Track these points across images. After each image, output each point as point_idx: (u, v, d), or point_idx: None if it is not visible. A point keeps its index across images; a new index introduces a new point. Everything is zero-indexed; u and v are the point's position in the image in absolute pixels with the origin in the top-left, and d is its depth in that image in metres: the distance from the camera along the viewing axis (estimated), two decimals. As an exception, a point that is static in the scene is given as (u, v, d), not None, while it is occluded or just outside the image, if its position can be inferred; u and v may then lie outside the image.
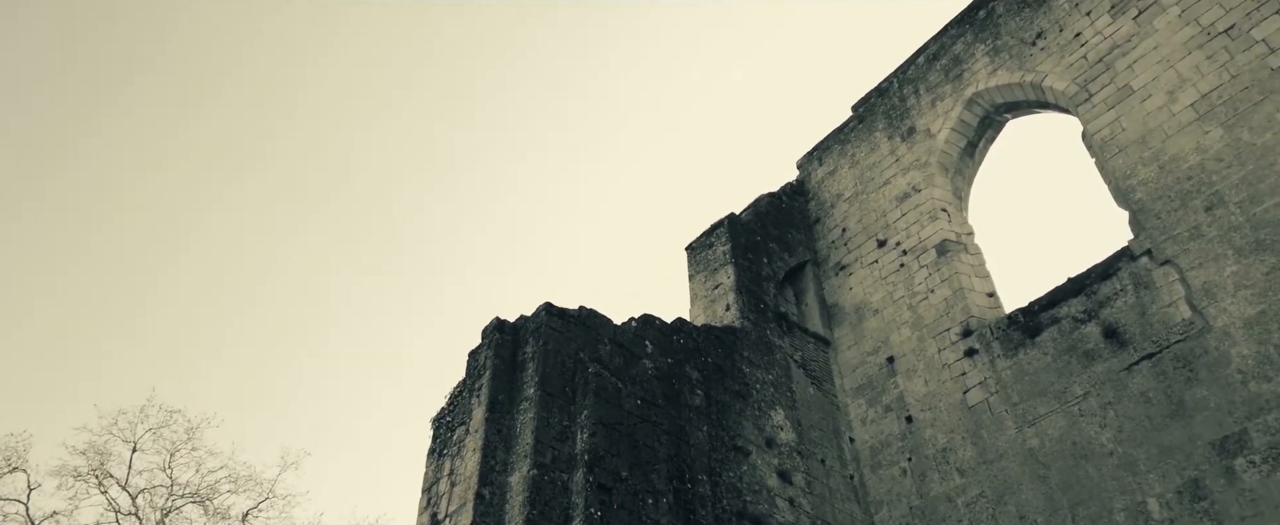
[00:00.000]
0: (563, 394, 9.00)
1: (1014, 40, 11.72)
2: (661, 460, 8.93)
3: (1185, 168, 8.71)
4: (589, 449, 8.35)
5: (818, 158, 14.69)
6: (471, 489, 8.41)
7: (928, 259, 11.43)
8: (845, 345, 12.13)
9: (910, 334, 11.13)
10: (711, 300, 12.16)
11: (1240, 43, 8.80)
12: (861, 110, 14.21)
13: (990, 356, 9.83)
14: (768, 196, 13.90)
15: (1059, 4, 11.25)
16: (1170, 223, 8.59)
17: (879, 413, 10.99)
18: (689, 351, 10.35)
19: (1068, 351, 8.97)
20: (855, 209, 13.23)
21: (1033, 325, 9.50)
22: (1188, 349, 7.88)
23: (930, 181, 12.10)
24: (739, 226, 12.81)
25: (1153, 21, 9.86)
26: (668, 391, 9.65)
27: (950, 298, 10.81)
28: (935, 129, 12.44)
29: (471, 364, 9.86)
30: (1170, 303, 8.23)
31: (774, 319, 11.97)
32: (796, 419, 10.90)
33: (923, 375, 10.63)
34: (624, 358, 9.58)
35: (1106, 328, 8.65)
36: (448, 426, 9.73)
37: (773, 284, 12.58)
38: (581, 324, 9.78)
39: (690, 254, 13.22)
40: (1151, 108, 9.38)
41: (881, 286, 11.98)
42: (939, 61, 12.90)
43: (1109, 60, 10.17)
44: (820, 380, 11.76)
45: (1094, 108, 10.07)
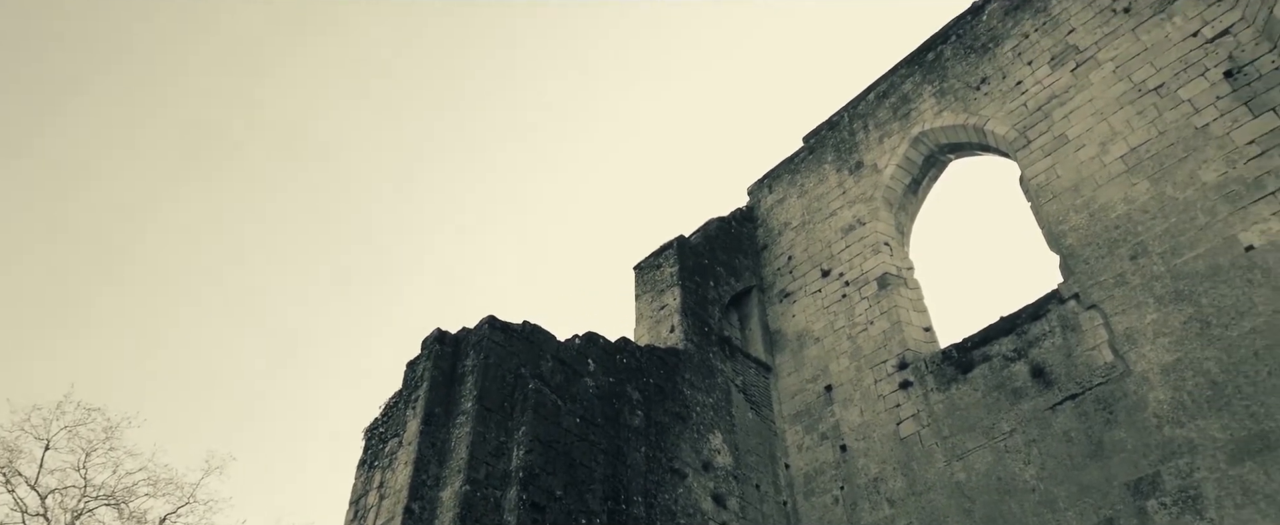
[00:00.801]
0: (501, 409, 8.91)
1: (960, 84, 12.13)
2: (597, 480, 8.89)
3: (1113, 217, 9.10)
4: (524, 466, 8.27)
5: (768, 185, 14.92)
6: (401, 503, 8.25)
7: (869, 291, 11.68)
8: (785, 372, 12.29)
9: (849, 364, 11.33)
10: (657, 321, 12.20)
11: (1168, 101, 9.26)
12: (812, 141, 14.50)
13: (924, 390, 10.06)
14: (718, 221, 14.05)
15: (1003, 52, 11.69)
16: (1097, 269, 8.96)
17: (815, 440, 11.14)
18: (631, 371, 10.35)
19: (997, 388, 9.24)
20: (802, 238, 13.46)
21: (965, 361, 9.76)
22: (1108, 392, 8.19)
23: (875, 215, 12.39)
24: (688, 249, 12.91)
25: (1089, 75, 10.31)
26: (608, 411, 9.63)
27: (888, 330, 11.05)
28: (882, 165, 12.76)
29: (409, 375, 9.70)
30: (1094, 346, 8.56)
31: (718, 343, 12.07)
32: (734, 443, 10.98)
33: (858, 405, 10.82)
34: (566, 375, 9.54)
35: (1034, 367, 8.94)
36: (380, 438, 9.53)
37: (718, 308, 12.69)
38: (525, 339, 9.72)
39: (638, 274, 13.27)
40: (1085, 157, 9.79)
41: (824, 315, 12.19)
42: (888, 99, 13.27)
43: (1047, 109, 10.60)
44: (759, 405, 11.88)
45: (1032, 154, 10.46)
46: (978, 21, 12.38)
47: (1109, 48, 10.25)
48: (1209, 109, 8.80)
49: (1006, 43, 11.72)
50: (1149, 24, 9.95)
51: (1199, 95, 8.98)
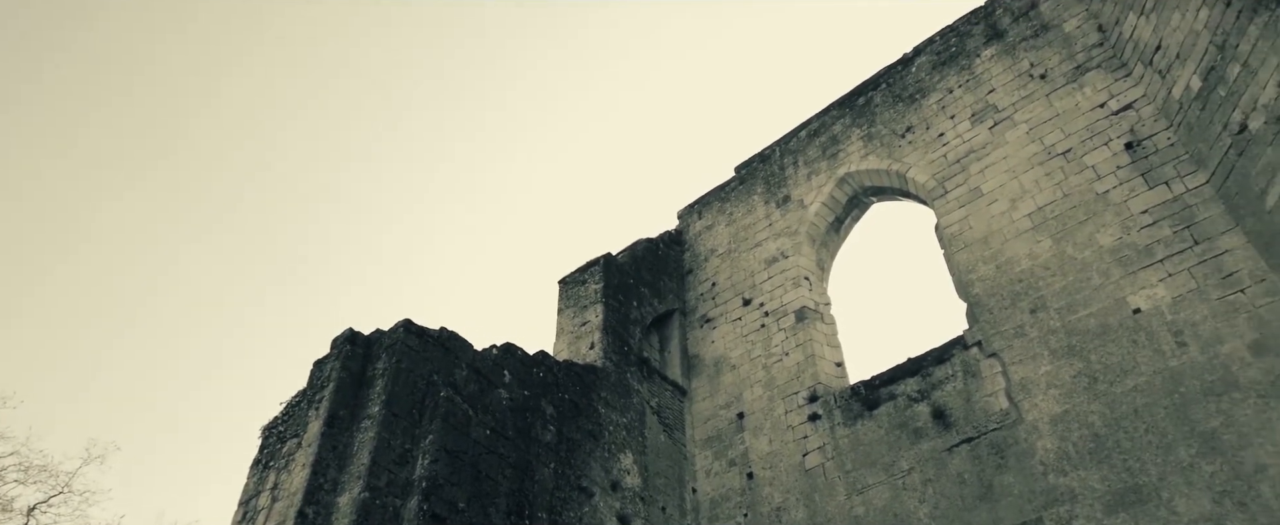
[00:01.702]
0: (409, 416, 8.73)
1: (886, 130, 12.61)
2: (503, 494, 8.78)
3: (1018, 271, 9.60)
4: (428, 476, 8.11)
5: (698, 211, 15.14)
6: (294, 506, 7.96)
7: (787, 323, 11.95)
8: (700, 396, 12.43)
9: (762, 393, 11.54)
10: (577, 336, 12.18)
11: (1074, 166, 9.85)
12: (744, 172, 14.80)
13: (831, 423, 10.34)
14: (646, 242, 14.16)
15: (928, 104, 12.23)
16: (1000, 319, 9.42)
17: (723, 466, 11.28)
18: (547, 385, 10.29)
19: (900, 427, 9.58)
20: (727, 266, 13.69)
21: (872, 398, 10.09)
22: (1001, 438, 8.60)
23: (798, 250, 12.71)
24: (614, 267, 12.95)
25: (1005, 134, 10.89)
26: (520, 424, 9.54)
27: (803, 363, 11.32)
28: (808, 201, 13.13)
29: (315, 374, 9.40)
30: (992, 393, 8.97)
31: (636, 363, 12.12)
32: (644, 464, 11.02)
33: (768, 434, 11.03)
34: (480, 385, 9.41)
35: (936, 409, 9.31)
36: (278, 437, 9.20)
37: (640, 328, 12.76)
38: (440, 345, 9.56)
39: (562, 288, 13.23)
40: (996, 212, 10.30)
41: (742, 343, 12.40)
42: (819, 138, 13.68)
43: (965, 162, 11.12)
44: (672, 428, 11.97)
45: (948, 204, 10.95)
46: (907, 72, 12.92)
47: (1025, 110, 10.85)
48: (1110, 177, 9.40)
49: (932, 95, 12.26)
50: (1062, 91, 10.58)
51: (1102, 163, 9.59)
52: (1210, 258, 8.06)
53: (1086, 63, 10.53)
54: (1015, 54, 11.50)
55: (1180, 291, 8.08)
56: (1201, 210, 8.38)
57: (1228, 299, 7.73)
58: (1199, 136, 8.63)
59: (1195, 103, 8.66)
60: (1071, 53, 10.79)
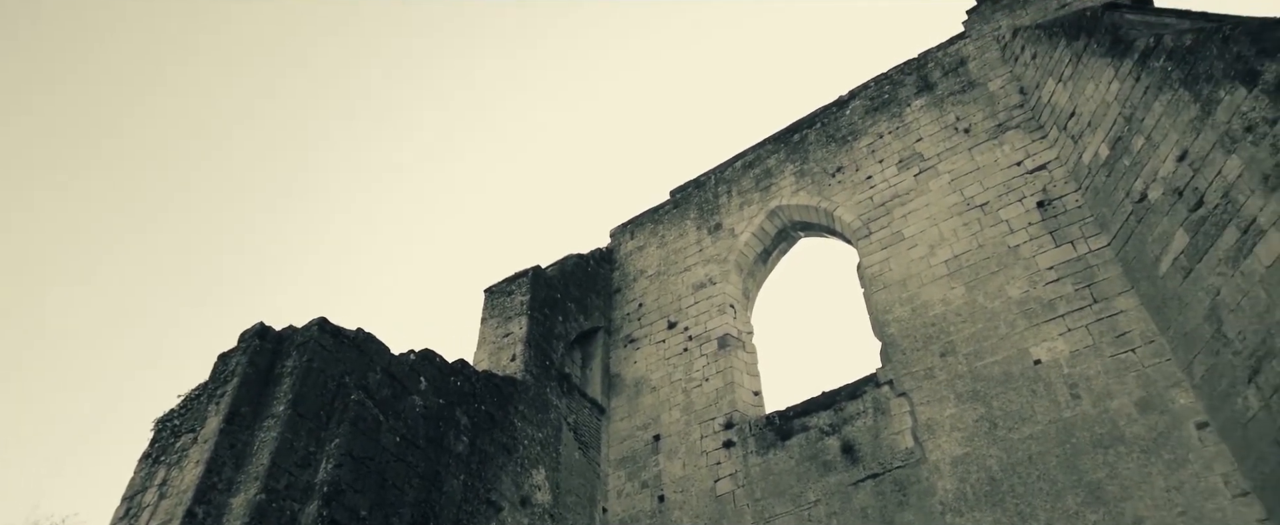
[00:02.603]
0: (316, 418, 8.46)
1: (818, 168, 12.99)
2: (408, 504, 8.58)
3: (931, 315, 10.00)
4: (331, 481, 7.86)
5: (631, 231, 15.22)
6: (183, 505, 7.61)
7: (709, 349, 12.11)
8: (619, 416, 12.44)
9: (680, 417, 11.64)
10: (499, 347, 12.04)
11: (990, 218, 10.35)
12: (678, 196, 14.98)
13: (744, 451, 10.50)
14: (576, 257, 14.15)
15: (859, 147, 12.67)
16: (912, 360, 9.78)
17: (636, 487, 11.31)
18: (464, 395, 10.13)
19: (810, 459, 9.80)
20: (655, 287, 13.79)
21: (786, 429, 10.30)
22: (905, 475, 8.90)
23: (726, 277, 12.92)
24: (542, 280, 12.88)
25: (928, 182, 11.36)
26: (432, 433, 9.36)
27: (721, 389, 11.48)
28: (739, 230, 13.37)
29: (219, 368, 9.03)
30: (899, 431, 9.29)
31: (557, 378, 12.05)
32: (556, 481, 10.94)
33: (682, 458, 11.12)
34: (393, 390, 9.20)
35: (845, 443, 9.57)
36: (173, 432, 8.78)
37: (563, 343, 12.70)
38: (356, 347, 9.31)
39: (488, 297, 13.07)
40: (915, 256, 10.72)
41: (663, 366, 12.49)
42: (753, 170, 13.98)
43: (889, 206, 11.55)
44: (588, 446, 11.93)
45: (870, 245, 11.33)
46: (841, 114, 13.36)
47: (948, 161, 11.36)
48: (1022, 232, 9.91)
49: (863, 139, 12.70)
50: (984, 146, 11.13)
51: (1015, 218, 10.11)
52: (1106, 317, 8.57)
53: (1007, 121, 11.10)
54: (943, 106, 12.04)
55: (1078, 346, 8.56)
56: (1101, 271, 8.92)
57: (1120, 357, 8.23)
58: (1104, 201, 9.20)
59: (1102, 169, 9.24)
60: (994, 111, 11.37)
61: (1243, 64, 7.23)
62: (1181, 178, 7.88)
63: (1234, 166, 7.20)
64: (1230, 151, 7.27)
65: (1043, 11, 11.71)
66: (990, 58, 12.02)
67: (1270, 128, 6.84)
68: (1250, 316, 6.84)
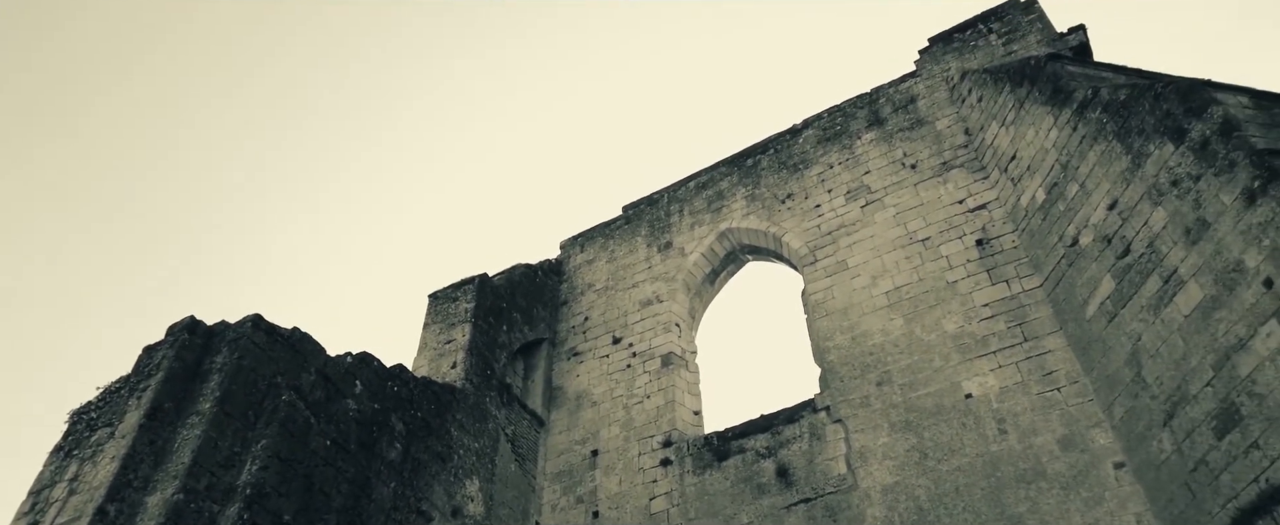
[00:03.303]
0: (244, 417, 8.22)
1: (769, 194, 13.20)
2: (335, 510, 8.37)
3: (869, 345, 10.21)
4: (254, 483, 7.63)
5: (581, 244, 15.21)
6: (94, 502, 7.30)
7: (653, 366, 12.14)
8: (558, 429, 12.37)
9: (619, 433, 11.63)
10: (440, 354, 11.87)
11: (931, 253, 10.64)
12: (630, 212, 15.04)
13: (681, 470, 10.54)
14: (524, 267, 14.06)
15: (810, 176, 12.92)
16: (849, 388, 9.96)
17: (571, 502, 11.23)
18: (401, 401, 9.95)
19: (745, 481, 9.89)
20: (602, 302, 13.79)
21: (723, 450, 10.37)
22: (836, 501, 9.04)
23: (673, 296, 13.00)
24: (489, 288, 12.77)
25: (874, 215, 11.64)
26: (365, 438, 9.16)
27: (662, 407, 11.51)
28: (689, 250, 13.48)
29: (144, 361, 8.72)
30: (833, 457, 9.44)
31: (498, 388, 11.93)
32: (490, 493, 10.80)
33: (619, 474, 11.09)
34: (327, 392, 8.99)
35: (780, 467, 9.69)
36: (89, 425, 8.43)
37: (506, 353, 12.59)
38: (290, 346, 9.09)
39: (432, 302, 12.90)
40: (857, 286, 10.95)
41: (606, 381, 12.47)
42: (706, 191, 14.13)
43: (836, 236, 11.79)
44: (524, 459, 11.82)
45: (816, 272, 11.54)
46: (794, 142, 13.61)
47: (894, 195, 11.66)
48: (960, 268, 10.22)
49: (814, 168, 12.96)
50: (929, 183, 11.45)
51: (955, 254, 10.41)
52: (1035, 355, 8.88)
53: (952, 160, 11.46)
54: (892, 141, 12.37)
55: (1007, 383, 8.84)
56: (1033, 311, 9.24)
57: (1045, 395, 8.53)
58: (1038, 243, 9.55)
59: (1038, 212, 9.60)
60: (940, 149, 11.72)
61: (1172, 121, 7.62)
62: (1111, 226, 8.23)
63: (1160, 218, 7.56)
64: (1157, 203, 7.63)
65: (990, 56, 12.15)
66: (939, 97, 12.40)
67: (1194, 183, 7.20)
68: (1168, 363, 7.17)
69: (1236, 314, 6.47)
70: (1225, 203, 6.79)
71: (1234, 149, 6.81)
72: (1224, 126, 6.98)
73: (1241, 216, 6.59)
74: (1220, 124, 7.03)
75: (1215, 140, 7.04)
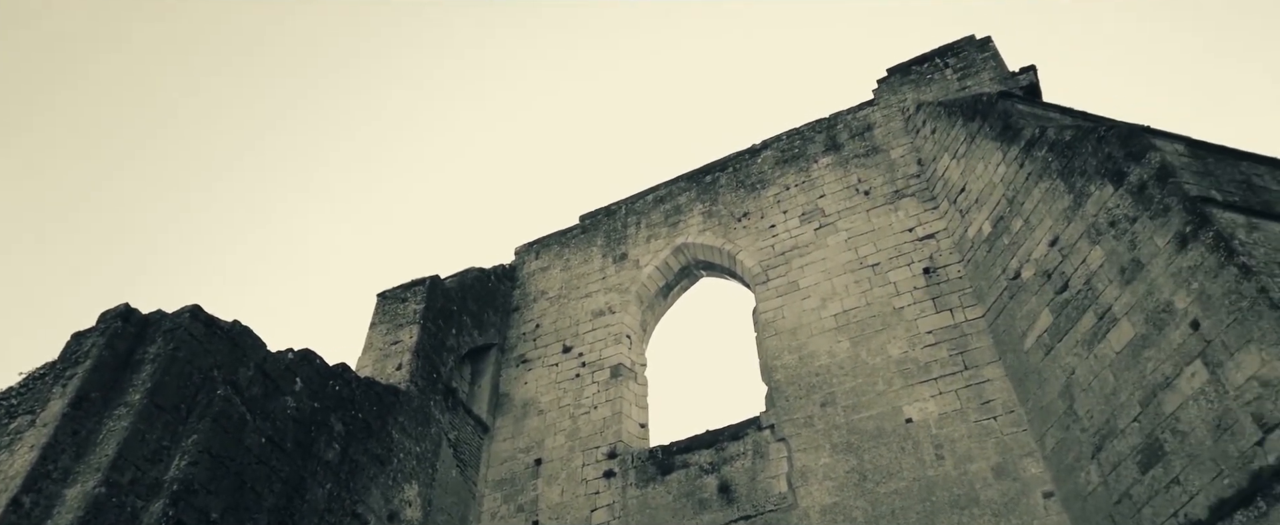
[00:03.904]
0: (176, 411, 7.96)
1: (726, 211, 13.33)
2: (265, 510, 8.15)
3: (816, 365, 10.36)
4: (183, 478, 7.39)
5: (537, 251, 15.14)
6: (8, 493, 7.00)
7: (602, 377, 12.11)
8: (502, 436, 12.24)
9: (564, 442, 11.56)
10: (386, 354, 11.68)
11: (880, 279, 10.86)
12: (588, 222, 15.03)
13: (624, 483, 10.52)
14: (477, 271, 13.94)
15: (767, 196, 13.09)
16: (794, 407, 10.08)
17: (511, 510, 11.12)
18: (342, 401, 9.75)
19: (687, 496, 9.91)
20: (554, 310, 13.73)
21: (667, 464, 10.39)
22: (776, 519, 9.12)
23: (625, 307, 13.01)
24: (440, 290, 12.62)
25: (827, 238, 11.84)
26: (302, 438, 8.95)
27: (609, 418, 11.48)
28: (644, 262, 13.52)
29: (72, 348, 8.40)
30: (775, 475, 9.53)
31: (443, 392, 11.77)
32: (429, 498, 10.63)
33: (562, 485, 11.02)
34: (265, 389, 8.76)
35: (723, 483, 9.74)
36: (8, 412, 8.09)
37: (454, 357, 12.44)
38: (230, 340, 8.84)
39: (380, 302, 12.69)
40: (808, 307, 11.11)
41: (554, 390, 12.40)
42: (664, 205, 14.21)
43: (789, 256, 11.95)
44: (466, 465, 11.67)
45: (767, 291, 11.67)
46: (753, 162, 13.79)
47: (847, 219, 11.88)
48: (907, 295, 10.44)
49: (771, 188, 13.14)
50: (881, 210, 11.70)
51: (903, 281, 10.64)
52: (975, 383, 9.12)
53: (904, 189, 11.73)
54: (847, 167, 12.61)
55: (946, 409, 9.05)
56: (974, 340, 9.49)
57: (982, 423, 8.75)
58: (982, 275, 9.82)
59: (984, 244, 9.88)
60: (893, 177, 11.99)
61: (1112, 164, 7.93)
62: (1051, 261, 8.52)
63: (1097, 257, 7.85)
64: (1095, 242, 7.92)
65: (945, 90, 12.50)
66: (895, 127, 12.70)
67: (1131, 225, 7.50)
68: (1099, 397, 7.43)
69: (1164, 353, 6.74)
70: (1159, 245, 7.09)
71: (1169, 194, 7.12)
72: (1161, 172, 7.30)
73: (1173, 259, 6.88)
74: (1157, 169, 7.34)
75: (1152, 185, 7.35)
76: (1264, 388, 5.71)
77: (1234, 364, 6.01)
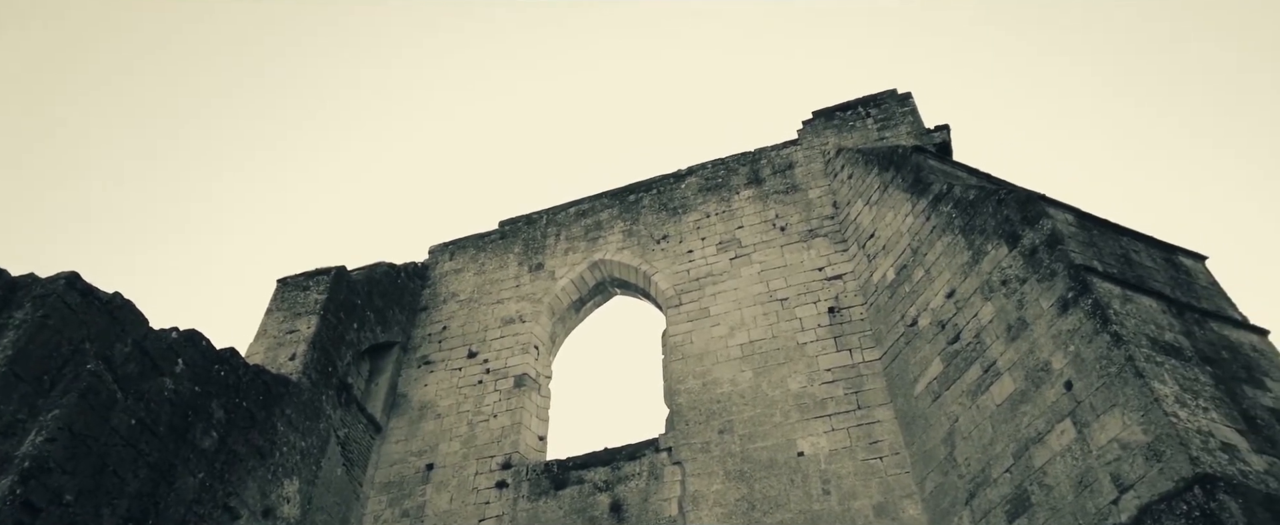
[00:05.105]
0: (38, 382, 7.43)
1: (646, 232, 13.46)
2: (127, 496, 7.67)
3: (718, 393, 10.53)
4: (36, 456, 6.88)
5: (450, 252, 14.87)
6: None
7: (505, 386, 11.96)
8: (395, 438, 11.91)
9: (460, 449, 11.34)
10: (280, 343, 11.21)
11: (787, 313, 11.16)
12: (507, 228, 14.89)
13: (516, 495, 10.39)
14: (387, 266, 13.58)
15: (687, 221, 13.29)
16: (692, 432, 10.20)
17: (396, 515, 10.81)
18: (226, 387, 9.30)
19: (578, 512, 9.87)
20: (464, 313, 13.50)
21: (562, 478, 10.32)
22: (663, 541, 9.19)
23: (536, 318, 12.91)
24: (345, 282, 12.22)
25: (741, 268, 12.10)
26: (178, 422, 8.48)
27: (508, 428, 11.34)
28: (559, 274, 13.47)
29: (-74, 309, 7.75)
30: (668, 498, 9.60)
31: (338, 387, 11.37)
32: (309, 496, 10.22)
33: (452, 492, 10.80)
34: (142, 368, 8.27)
35: (615, 502, 9.75)
36: None
37: (352, 352, 12.05)
38: (108, 312, 8.31)
39: (280, 288, 12.18)
40: (716, 335, 11.30)
41: (454, 394, 12.17)
42: (585, 219, 14.23)
43: (703, 283, 12.15)
44: (353, 464, 11.28)
45: (679, 315, 11.82)
46: (677, 187, 13.99)
47: (762, 252, 12.17)
48: (811, 332, 10.76)
49: (692, 214, 13.35)
50: (794, 246, 12.05)
51: (808, 318, 10.96)
52: (866, 423, 9.45)
53: (818, 229, 12.12)
54: (767, 201, 12.95)
55: (837, 446, 9.34)
56: (869, 381, 9.85)
57: (869, 462, 9.07)
58: (882, 319, 10.23)
59: (887, 290, 10.30)
60: (809, 216, 12.38)
61: (1009, 226, 8.42)
62: (946, 312, 8.95)
63: (988, 312, 8.30)
64: (988, 298, 8.37)
65: (865, 138, 13.02)
66: (815, 168, 13.13)
67: (1020, 286, 7.97)
68: (977, 446, 7.82)
69: (1039, 409, 7.17)
70: (1043, 307, 7.55)
71: (1056, 260, 7.61)
72: (1051, 239, 7.80)
73: (1054, 322, 7.34)
74: (1048, 236, 7.84)
75: (1042, 250, 7.84)
76: (1123, 450, 6.14)
77: (1099, 425, 6.45)
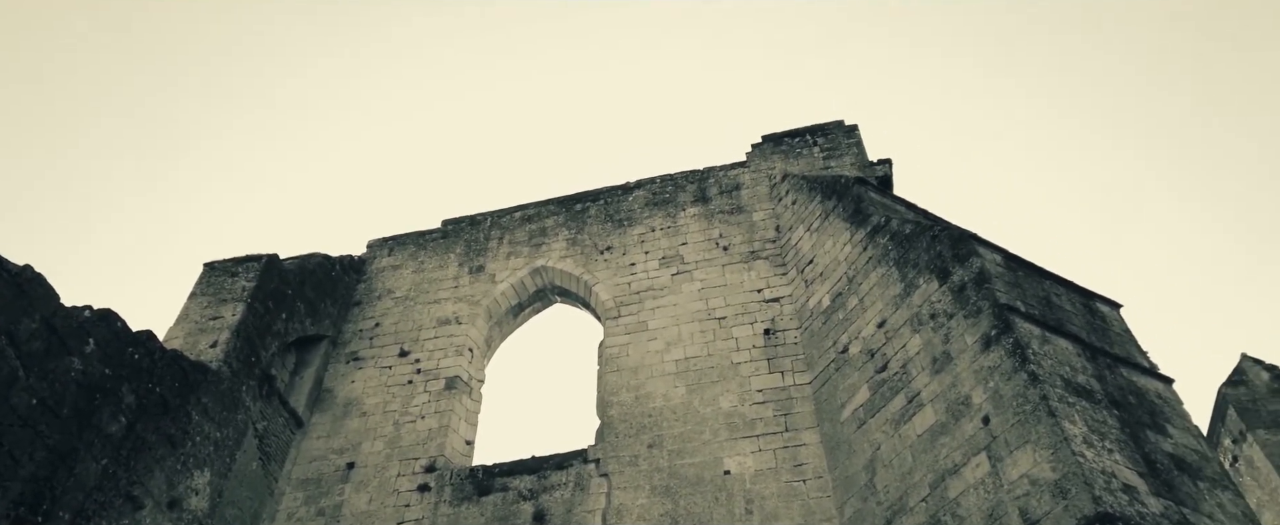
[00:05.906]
0: (-66, 357, 7.02)
1: (589, 242, 13.46)
2: (21, 479, 7.28)
3: (650, 407, 10.56)
4: (-75, 436, 6.49)
5: (390, 248, 14.60)
6: None
7: (435, 387, 11.77)
8: (317, 434, 11.59)
9: (383, 449, 11.10)
10: (201, 329, 10.82)
11: (724, 332, 11.28)
12: (450, 227, 14.69)
13: (438, 499, 10.21)
14: (322, 257, 13.25)
15: (631, 234, 13.34)
16: (622, 445, 10.20)
17: (311, 513, 10.50)
18: (140, 371, 8.92)
19: (501, 520, 9.75)
20: (398, 311, 13.25)
21: (486, 485, 10.19)
22: (584, 553, 9.15)
23: (473, 320, 12.75)
24: (277, 270, 11.87)
25: (682, 285, 12.20)
26: (84, 404, 8.09)
27: (435, 430, 11.15)
28: (500, 277, 13.35)
29: None
30: (592, 510, 9.56)
31: (260, 378, 11.02)
32: (220, 489, 9.86)
33: (372, 493, 10.55)
34: (49, 346, 7.88)
35: (539, 511, 9.66)
36: None
37: (279, 343, 11.69)
38: (16, 286, 7.88)
39: (206, 272, 11.77)
40: (652, 349, 11.34)
41: (382, 393, 11.91)
42: (530, 225, 14.15)
43: (643, 296, 12.20)
44: (270, 459, 10.93)
45: (617, 327, 11.83)
46: (624, 199, 14.04)
47: (703, 270, 12.30)
48: (746, 352, 10.90)
49: (637, 227, 13.41)
50: (736, 266, 12.21)
51: (744, 338, 11.10)
52: (792, 445, 9.60)
53: (760, 251, 12.32)
54: (712, 220, 13.10)
55: (762, 466, 9.46)
56: (798, 405, 10.02)
57: (792, 484, 9.22)
58: (815, 344, 10.43)
59: (821, 316, 10.51)
60: (751, 238, 12.57)
61: (941, 262, 8.71)
62: (876, 342, 9.18)
63: (916, 344, 8.54)
64: (916, 331, 8.63)
65: (811, 166, 13.31)
66: (760, 191, 13.35)
67: (947, 320, 8.24)
68: (897, 474, 8.03)
69: (957, 442, 7.41)
70: (967, 343, 7.82)
71: (983, 298, 7.89)
72: (979, 277, 8.09)
73: (977, 358, 7.61)
74: (976, 274, 8.13)
75: (970, 287, 8.12)
76: (1032, 485, 6.38)
77: (1012, 460, 6.69)
